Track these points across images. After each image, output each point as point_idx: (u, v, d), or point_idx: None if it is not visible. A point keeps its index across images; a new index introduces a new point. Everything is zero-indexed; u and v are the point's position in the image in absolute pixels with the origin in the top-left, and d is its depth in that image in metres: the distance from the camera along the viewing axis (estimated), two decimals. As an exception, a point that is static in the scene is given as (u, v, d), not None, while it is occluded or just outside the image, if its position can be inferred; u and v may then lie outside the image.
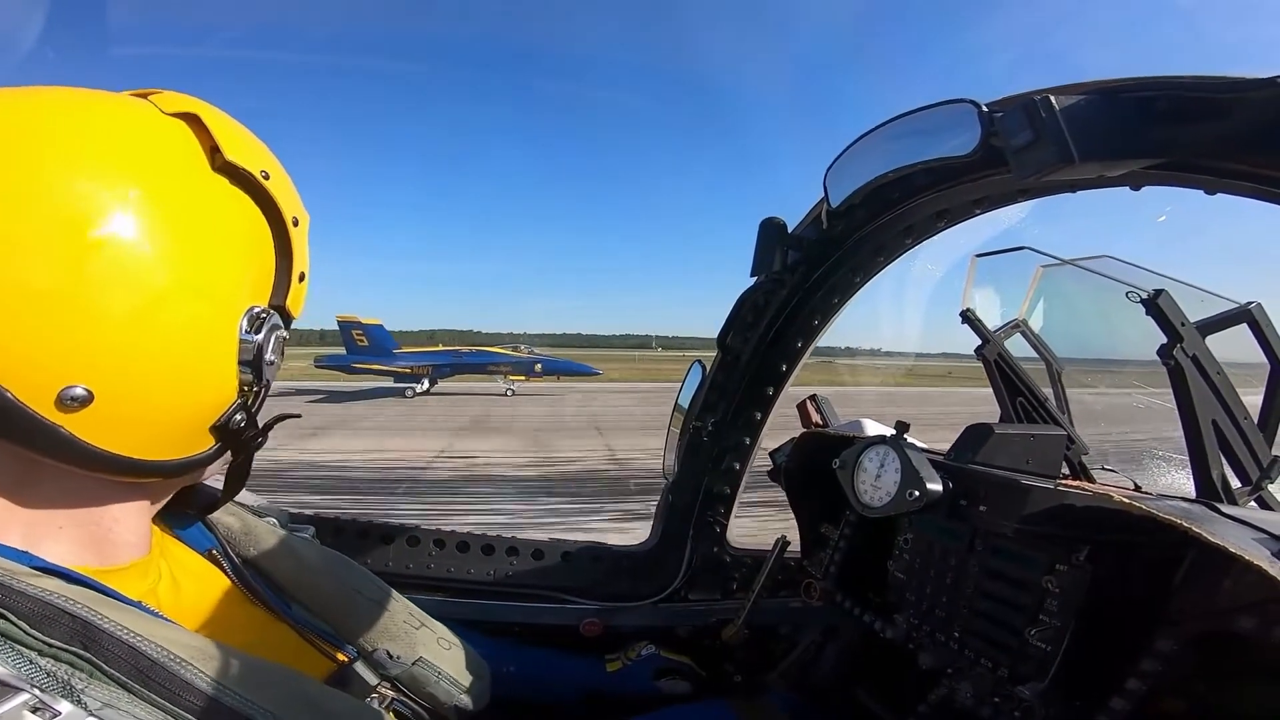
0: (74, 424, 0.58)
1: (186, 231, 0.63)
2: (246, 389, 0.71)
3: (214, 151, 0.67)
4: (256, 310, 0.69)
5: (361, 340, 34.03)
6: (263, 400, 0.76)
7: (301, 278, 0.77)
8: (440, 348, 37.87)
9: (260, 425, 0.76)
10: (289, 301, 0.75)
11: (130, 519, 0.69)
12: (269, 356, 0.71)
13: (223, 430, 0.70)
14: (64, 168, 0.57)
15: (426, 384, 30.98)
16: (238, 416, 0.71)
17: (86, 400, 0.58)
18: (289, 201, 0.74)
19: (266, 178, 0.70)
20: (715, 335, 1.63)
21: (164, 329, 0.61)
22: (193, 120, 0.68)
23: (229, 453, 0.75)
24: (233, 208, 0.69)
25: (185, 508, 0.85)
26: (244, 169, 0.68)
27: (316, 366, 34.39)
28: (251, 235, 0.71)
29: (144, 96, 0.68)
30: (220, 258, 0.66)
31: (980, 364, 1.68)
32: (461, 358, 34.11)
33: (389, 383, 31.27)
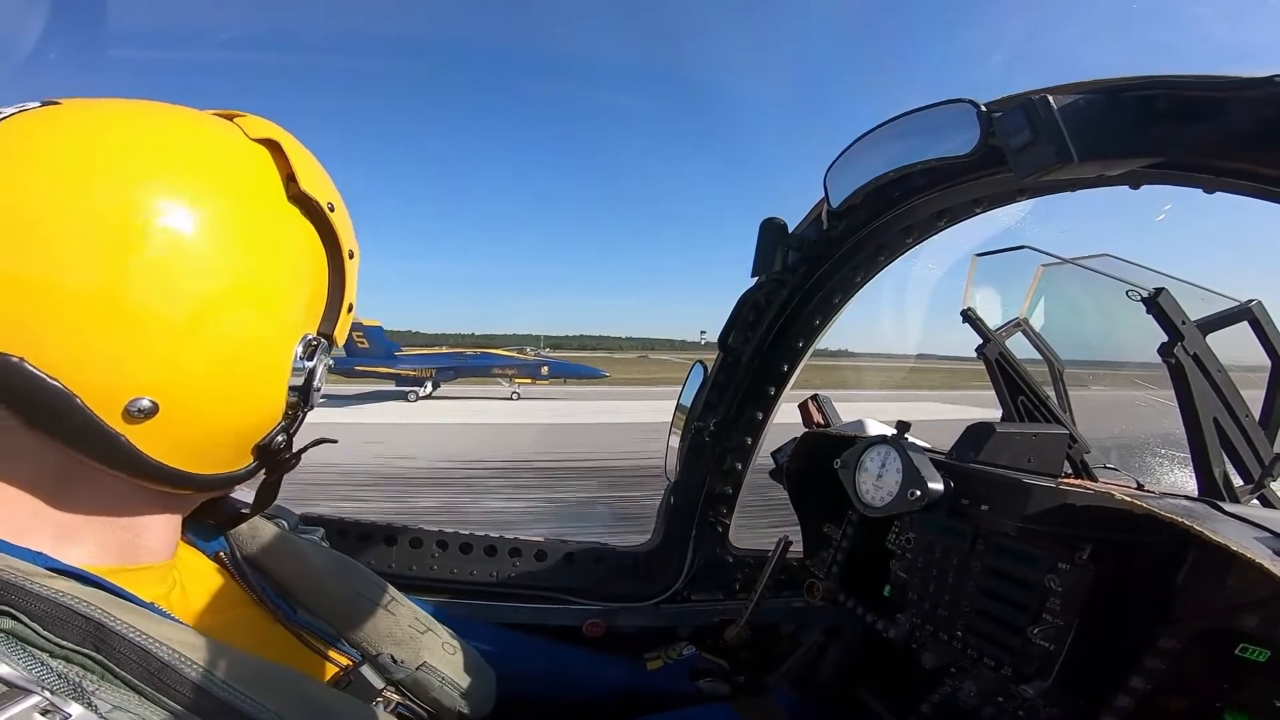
0: (135, 434, 0.59)
1: (259, 254, 0.65)
2: (291, 411, 0.73)
3: (290, 180, 0.69)
4: (310, 338, 0.72)
5: (362, 343, 33.75)
6: (301, 422, 0.78)
7: (350, 309, 0.79)
8: (444, 349, 37.54)
9: (296, 448, 0.78)
10: (336, 330, 0.78)
11: (158, 527, 0.70)
12: (317, 383, 0.73)
13: (264, 450, 0.72)
14: (148, 183, 0.59)
15: (429, 387, 30.78)
16: (279, 438, 0.73)
17: (151, 412, 0.59)
18: (348, 234, 0.77)
19: (332, 210, 0.73)
20: (606, 334, 1.62)
21: (231, 348, 0.63)
22: (273, 147, 0.70)
23: (262, 471, 0.77)
24: (300, 236, 0.71)
25: (207, 518, 0.86)
26: (315, 200, 0.71)
27: None
28: (313, 264, 0.73)
29: (229, 118, 0.71)
30: (286, 283, 0.69)
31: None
32: (465, 360, 33.70)
33: (387, 386, 30.99)
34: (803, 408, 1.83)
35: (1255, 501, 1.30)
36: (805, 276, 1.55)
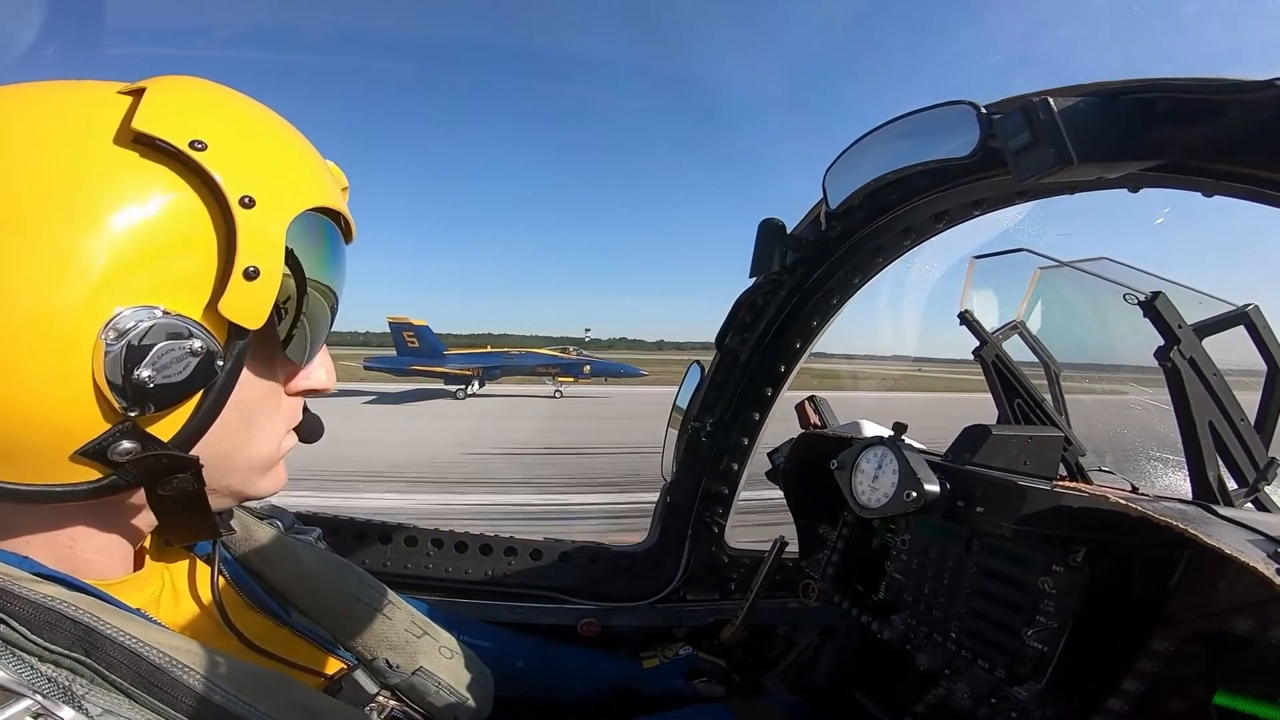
0: None
1: (22, 224, 0.50)
2: (131, 411, 0.55)
3: (127, 122, 0.54)
4: (126, 313, 0.53)
5: (413, 342, 33.95)
6: (196, 422, 0.60)
7: (249, 274, 0.57)
8: (489, 349, 37.99)
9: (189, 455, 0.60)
10: (224, 303, 0.57)
11: (90, 539, 0.64)
12: (147, 374, 0.54)
13: (99, 458, 0.56)
14: None
15: (476, 385, 30.94)
16: (124, 444, 0.56)
17: None
18: (236, 177, 0.57)
19: (201, 148, 0.55)
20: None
21: None
22: (138, 95, 0.56)
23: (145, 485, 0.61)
24: (131, 187, 0.53)
25: None
26: (160, 139, 0.54)
27: (365, 368, 33.82)
28: (161, 220, 0.54)
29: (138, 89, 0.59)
30: (70, 251, 0.51)
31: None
32: (511, 359, 34.32)
33: (431, 384, 31.14)
34: (799, 409, 1.83)
35: (1249, 505, 1.31)
36: (803, 277, 1.55)
